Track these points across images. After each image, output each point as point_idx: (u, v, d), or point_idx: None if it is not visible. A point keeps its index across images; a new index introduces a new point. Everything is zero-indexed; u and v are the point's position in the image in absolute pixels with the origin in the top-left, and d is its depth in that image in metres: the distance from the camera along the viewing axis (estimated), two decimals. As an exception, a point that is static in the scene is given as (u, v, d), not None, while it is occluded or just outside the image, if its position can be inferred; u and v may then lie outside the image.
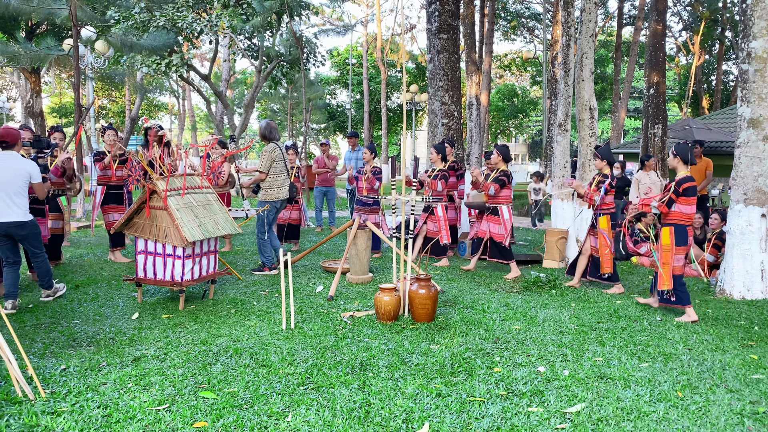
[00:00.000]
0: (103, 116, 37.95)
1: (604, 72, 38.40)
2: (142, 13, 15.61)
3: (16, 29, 18.44)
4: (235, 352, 4.40)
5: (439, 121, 10.57)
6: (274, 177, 7.24)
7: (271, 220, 7.32)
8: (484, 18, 24.77)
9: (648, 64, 17.48)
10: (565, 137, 8.51)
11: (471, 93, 20.02)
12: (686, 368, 4.22)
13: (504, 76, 47.12)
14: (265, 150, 7.25)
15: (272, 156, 7.19)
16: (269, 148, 7.21)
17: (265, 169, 7.18)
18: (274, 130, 7.31)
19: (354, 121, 38.81)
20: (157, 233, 5.65)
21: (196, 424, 3.25)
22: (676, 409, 3.52)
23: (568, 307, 5.93)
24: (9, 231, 5.43)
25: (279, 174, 7.27)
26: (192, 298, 6.10)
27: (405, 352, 4.43)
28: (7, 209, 5.35)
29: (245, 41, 20.02)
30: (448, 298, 6.17)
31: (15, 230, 5.45)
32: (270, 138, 7.28)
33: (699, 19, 30.46)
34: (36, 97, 20.98)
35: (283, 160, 7.32)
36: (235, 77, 38.94)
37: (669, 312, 5.83)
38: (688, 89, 32.28)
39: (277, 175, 7.26)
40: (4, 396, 3.50)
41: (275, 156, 7.21)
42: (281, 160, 7.29)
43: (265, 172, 7.18)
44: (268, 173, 7.21)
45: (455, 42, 10.75)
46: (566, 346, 4.67)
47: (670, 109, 38.46)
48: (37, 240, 5.67)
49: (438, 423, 3.29)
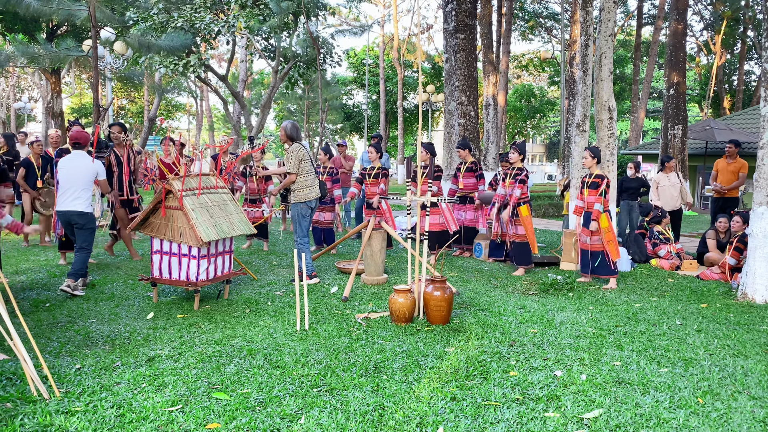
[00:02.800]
0: (122, 116, 38.35)
1: (623, 72, 38.04)
2: (161, 14, 15.73)
3: (37, 31, 18.69)
4: (249, 352, 4.39)
5: (456, 122, 10.51)
6: (304, 177, 7.09)
7: (308, 224, 7.15)
8: (502, 18, 24.64)
9: (668, 64, 17.27)
10: (583, 138, 8.41)
11: (488, 93, 19.92)
12: (707, 374, 4.13)
13: (521, 76, 46.88)
14: (290, 151, 7.04)
15: (299, 156, 7.02)
16: (295, 149, 7.04)
17: (294, 170, 7.01)
18: (298, 130, 7.19)
19: (370, 121, 38.82)
20: (172, 233, 5.66)
21: (209, 425, 3.23)
22: (697, 416, 3.44)
23: (586, 310, 5.85)
24: (72, 218, 6.15)
25: (308, 174, 7.10)
26: (207, 298, 6.11)
27: (419, 355, 4.39)
28: (74, 200, 6.13)
29: (262, 42, 20.11)
30: (463, 300, 6.12)
31: (77, 218, 6.15)
32: (295, 138, 7.14)
33: (720, 18, 30.04)
34: (56, 98, 21.25)
35: (309, 159, 7.17)
36: (253, 78, 39.16)
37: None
38: (709, 89, 31.85)
39: (307, 175, 7.09)
40: (20, 395, 3.51)
41: (302, 155, 7.04)
42: (308, 159, 7.11)
43: (295, 173, 7.02)
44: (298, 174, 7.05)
45: (472, 42, 10.69)
46: (583, 350, 4.60)
47: (690, 109, 37.99)
48: (90, 233, 6.29)
49: (452, 427, 3.24)
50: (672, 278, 7.66)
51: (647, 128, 44.79)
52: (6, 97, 32.15)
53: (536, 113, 40.54)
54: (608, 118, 8.18)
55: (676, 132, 16.97)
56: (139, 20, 15.71)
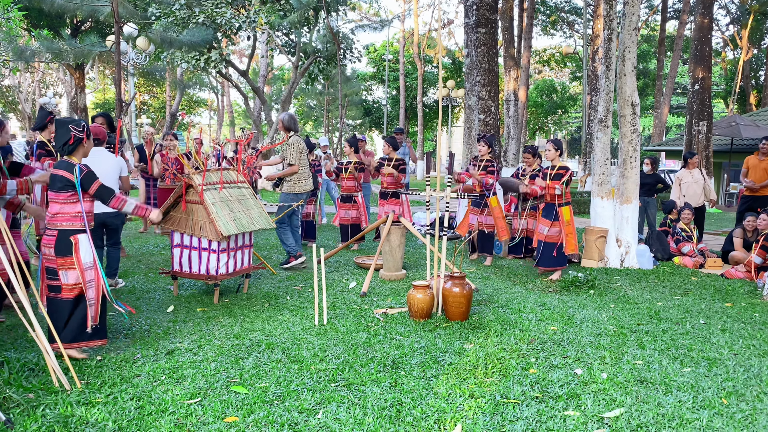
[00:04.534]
0: (144, 111, 38.75)
1: (646, 67, 37.51)
2: (182, 9, 15.83)
3: (62, 27, 18.94)
4: (267, 346, 4.40)
5: (476, 117, 10.43)
6: (302, 170, 7.23)
7: (292, 213, 7.35)
8: (523, 12, 24.44)
9: (693, 59, 16.99)
10: (605, 134, 8.30)
11: (509, 88, 19.78)
12: (731, 374, 4.05)
13: (543, 71, 46.45)
14: (291, 143, 7.17)
15: (299, 148, 7.16)
16: (295, 141, 7.17)
17: (296, 162, 7.14)
18: (296, 122, 7.33)
19: (390, 117, 38.77)
20: (192, 227, 5.70)
21: (226, 418, 3.24)
22: (721, 417, 3.38)
23: (607, 308, 5.77)
24: (107, 221, 5.99)
25: (305, 167, 7.27)
26: (226, 292, 6.14)
27: (438, 351, 4.36)
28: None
29: (283, 37, 20.15)
30: (482, 297, 6.08)
31: (112, 219, 6.04)
32: (294, 129, 7.27)
33: (747, 12, 29.46)
34: (80, 93, 21.51)
35: (306, 152, 7.35)
36: (273, 73, 39.31)
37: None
38: (735, 85, 31.28)
39: (303, 168, 7.25)
40: (42, 386, 3.56)
41: (301, 148, 7.21)
42: (305, 152, 7.31)
43: (297, 165, 7.15)
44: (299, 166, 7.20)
45: (493, 36, 10.59)
46: (604, 348, 4.54)
47: (715, 105, 37.36)
48: (119, 230, 6.29)
49: (470, 424, 3.22)
50: (695, 276, 7.53)
51: (671, 124, 44.14)
52: (32, 92, 32.64)
53: (558, 109, 40.12)
54: (631, 113, 8.06)
55: (701, 128, 16.69)
56: (161, 16, 15.82)
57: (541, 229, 7.12)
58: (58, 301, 4.01)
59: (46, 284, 4.03)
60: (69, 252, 3.99)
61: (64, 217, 4.01)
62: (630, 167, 8.09)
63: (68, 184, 3.99)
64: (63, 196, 4.00)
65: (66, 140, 4.03)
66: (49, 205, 4.06)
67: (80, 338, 4.06)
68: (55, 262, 3.98)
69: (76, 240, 4.01)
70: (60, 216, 4.00)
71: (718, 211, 17.94)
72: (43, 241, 4.02)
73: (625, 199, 8.13)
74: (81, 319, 4.04)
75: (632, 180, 8.11)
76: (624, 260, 8.07)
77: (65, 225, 4.01)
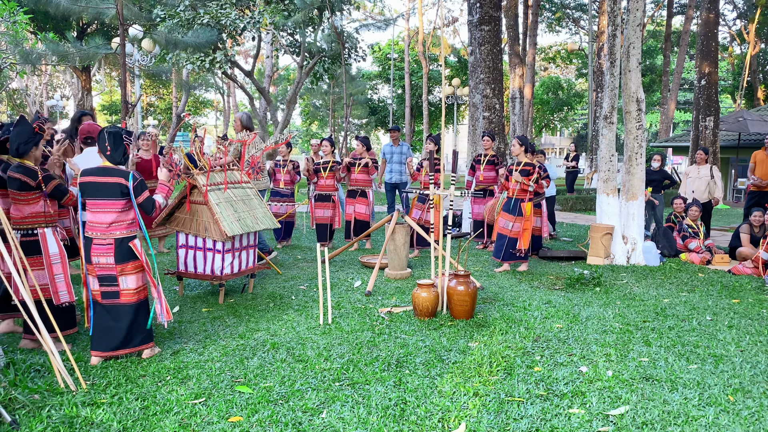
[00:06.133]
0: (151, 113, 38.87)
1: (652, 63, 37.33)
2: (187, 10, 15.87)
3: (68, 29, 19.03)
4: (272, 346, 4.41)
5: (481, 114, 10.41)
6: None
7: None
8: (528, 9, 24.36)
9: (699, 54, 16.89)
10: (611, 130, 8.26)
11: (514, 86, 19.73)
12: (738, 371, 4.02)
13: (548, 68, 46.27)
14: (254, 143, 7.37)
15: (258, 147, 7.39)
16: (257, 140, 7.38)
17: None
18: (251, 120, 7.49)
19: (395, 115, 38.75)
20: (197, 227, 5.71)
21: (231, 418, 3.25)
22: (727, 414, 3.35)
23: (613, 306, 5.75)
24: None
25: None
26: (231, 292, 6.15)
27: (442, 350, 4.36)
28: None
29: (287, 37, 20.17)
30: (487, 295, 6.07)
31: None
32: (251, 128, 7.40)
33: (754, 6, 29.25)
34: (87, 95, 21.61)
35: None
36: (278, 73, 39.34)
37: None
38: (743, 80, 31.06)
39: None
40: (47, 387, 3.57)
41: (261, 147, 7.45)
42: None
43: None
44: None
45: (497, 34, 10.56)
46: (610, 345, 4.52)
47: (722, 100, 37.12)
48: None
49: (475, 423, 3.21)
50: (702, 273, 7.49)
51: (677, 120, 43.89)
52: (39, 95, 32.82)
53: (563, 106, 39.95)
54: (636, 109, 8.02)
55: (708, 123, 16.59)
56: (166, 17, 15.86)
57: (504, 224, 7.29)
58: (117, 307, 4.06)
59: (100, 291, 4.05)
60: (130, 258, 4.05)
61: (121, 226, 4.05)
62: (635, 163, 8.05)
63: (125, 192, 4.04)
64: (119, 205, 4.04)
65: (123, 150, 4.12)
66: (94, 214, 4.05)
67: (148, 340, 4.15)
68: (114, 269, 4.02)
69: (135, 245, 4.08)
70: (116, 225, 4.04)
71: (726, 207, 17.84)
72: (96, 251, 4.02)
73: (631, 195, 8.09)
74: (145, 320, 4.14)
75: (638, 176, 8.07)
76: (630, 257, 8.03)
77: (124, 233, 4.06)
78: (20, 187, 4.13)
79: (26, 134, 4.13)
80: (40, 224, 4.24)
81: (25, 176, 4.13)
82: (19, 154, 4.15)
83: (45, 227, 4.26)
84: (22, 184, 4.13)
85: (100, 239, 4.01)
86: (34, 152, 4.22)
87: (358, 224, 8.82)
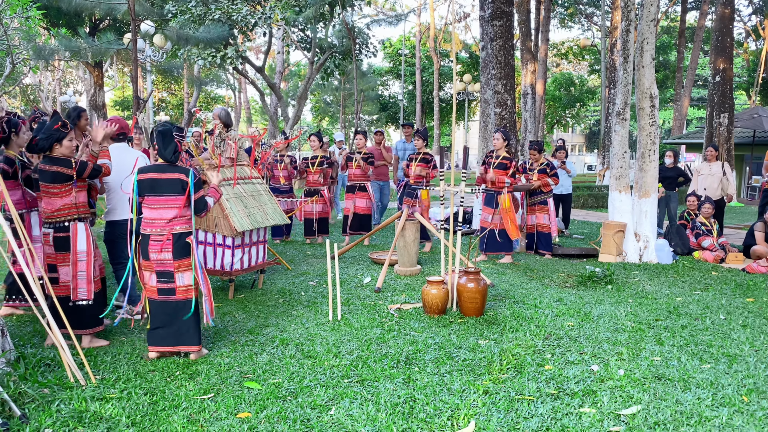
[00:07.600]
0: (162, 109, 39.05)
1: (666, 59, 36.98)
2: (198, 6, 15.89)
3: (80, 25, 19.11)
4: (281, 342, 4.40)
5: (492, 111, 10.34)
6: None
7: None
8: (540, 5, 24.20)
9: (714, 50, 16.70)
10: (623, 127, 8.18)
11: (526, 82, 19.60)
12: (752, 371, 3.96)
13: (561, 64, 45.99)
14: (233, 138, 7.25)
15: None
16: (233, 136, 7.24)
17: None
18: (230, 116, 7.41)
19: (406, 112, 38.67)
20: (207, 223, 5.71)
21: (239, 414, 3.24)
22: (741, 415, 3.30)
23: (625, 304, 5.69)
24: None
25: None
26: (241, 287, 6.15)
27: (452, 347, 4.33)
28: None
29: (298, 33, 20.16)
30: (498, 292, 6.03)
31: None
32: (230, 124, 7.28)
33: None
34: (99, 91, 21.71)
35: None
36: (289, 69, 39.37)
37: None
38: (758, 76, 30.67)
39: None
40: (57, 381, 3.58)
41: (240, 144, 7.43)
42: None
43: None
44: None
45: (509, 29, 10.48)
46: (622, 344, 4.47)
47: (737, 97, 36.71)
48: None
49: (484, 421, 3.18)
50: (716, 271, 7.40)
51: (691, 117, 43.50)
52: (52, 90, 33.03)
53: (576, 102, 39.69)
54: (650, 106, 7.93)
55: (722, 120, 16.41)
56: (178, 13, 15.89)
57: (484, 217, 7.69)
58: (171, 303, 4.05)
59: (157, 288, 4.05)
60: (187, 254, 4.05)
61: (180, 221, 4.06)
62: (648, 160, 7.97)
63: (185, 187, 4.03)
64: (181, 200, 4.04)
65: (175, 148, 4.10)
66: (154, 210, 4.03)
67: (198, 341, 4.10)
68: (172, 265, 4.02)
69: (191, 240, 4.07)
70: (176, 220, 4.04)
71: (740, 204, 17.66)
72: (154, 247, 4.01)
73: (644, 192, 8.02)
74: (198, 318, 4.12)
75: (651, 173, 7.99)
76: (642, 255, 7.96)
77: (183, 228, 4.06)
78: (53, 178, 4.09)
79: (47, 129, 4.14)
80: (72, 216, 4.20)
81: (57, 166, 4.10)
82: (40, 149, 4.15)
83: (78, 221, 4.23)
84: (55, 174, 4.09)
85: (157, 235, 4.00)
86: (58, 148, 4.19)
87: (359, 218, 8.81)
